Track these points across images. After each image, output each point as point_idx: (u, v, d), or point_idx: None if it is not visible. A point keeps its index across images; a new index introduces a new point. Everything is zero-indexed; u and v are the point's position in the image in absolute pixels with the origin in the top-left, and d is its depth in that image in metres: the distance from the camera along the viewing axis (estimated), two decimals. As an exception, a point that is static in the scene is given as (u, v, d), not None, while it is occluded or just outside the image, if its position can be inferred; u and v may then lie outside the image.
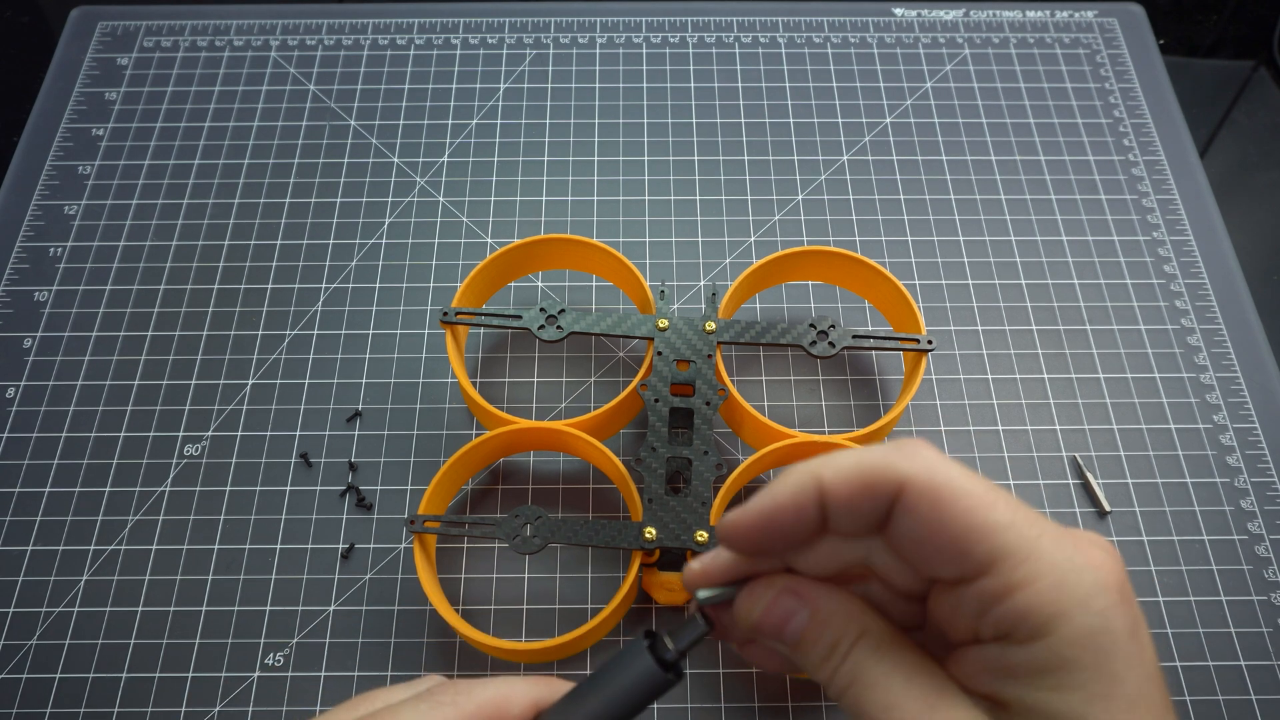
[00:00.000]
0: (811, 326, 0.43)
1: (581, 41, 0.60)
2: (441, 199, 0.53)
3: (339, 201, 0.53)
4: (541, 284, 0.50)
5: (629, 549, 0.38)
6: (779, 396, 0.47)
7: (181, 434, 0.46)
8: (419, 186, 0.54)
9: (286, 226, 0.52)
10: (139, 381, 0.47)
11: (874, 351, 0.48)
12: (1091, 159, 0.55)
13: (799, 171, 0.54)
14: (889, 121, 0.56)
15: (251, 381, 0.47)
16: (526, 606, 0.42)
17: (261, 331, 0.49)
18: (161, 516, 0.44)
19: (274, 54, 0.59)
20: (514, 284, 0.50)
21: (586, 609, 0.42)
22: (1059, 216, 0.53)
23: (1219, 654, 0.41)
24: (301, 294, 0.50)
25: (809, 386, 0.47)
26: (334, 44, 0.59)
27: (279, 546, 0.43)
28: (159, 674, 0.40)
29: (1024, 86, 0.58)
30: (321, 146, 0.55)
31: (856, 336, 0.43)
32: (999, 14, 0.61)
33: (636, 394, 0.42)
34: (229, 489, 0.44)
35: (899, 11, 0.61)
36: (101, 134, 0.56)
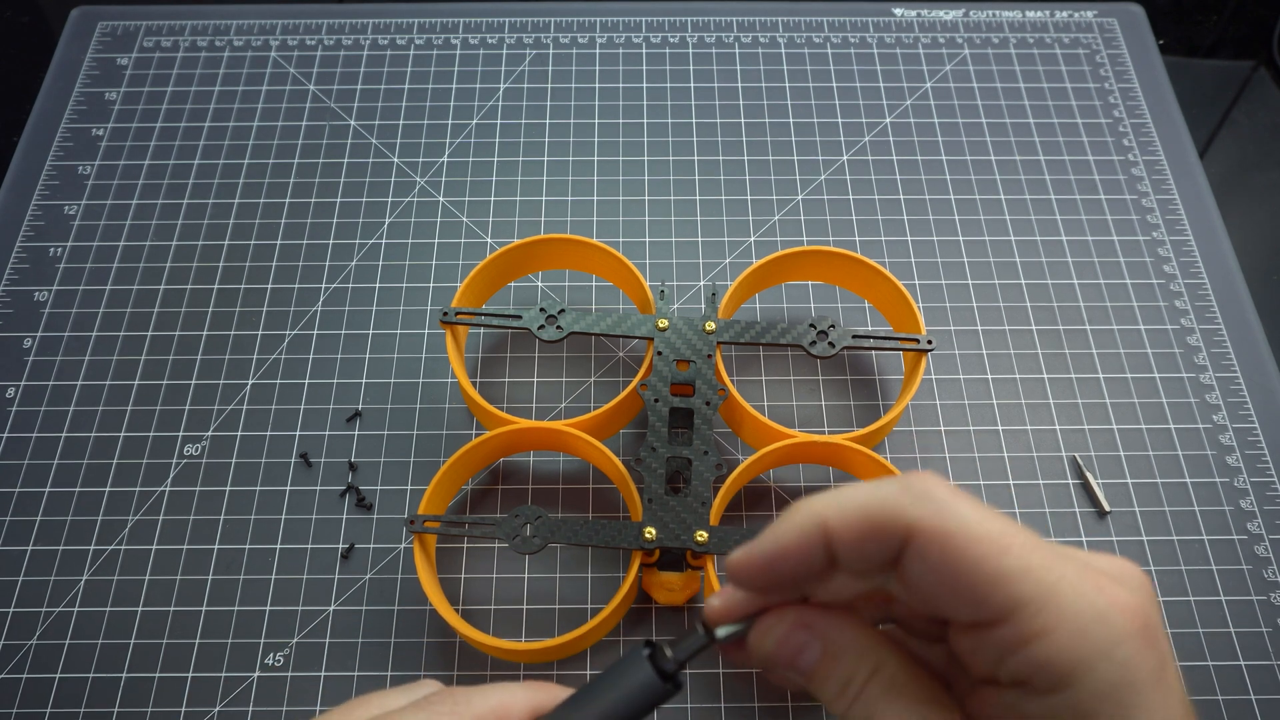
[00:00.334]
0: (811, 326, 0.43)
1: (581, 41, 0.60)
2: (441, 199, 0.53)
3: (339, 201, 0.53)
4: (541, 284, 0.50)
5: (629, 549, 0.38)
6: (779, 396, 0.47)
7: (181, 434, 0.46)
8: (419, 186, 0.54)
9: (286, 226, 0.52)
10: (139, 381, 0.47)
11: (874, 351, 0.48)
12: (1091, 159, 0.55)
13: (799, 171, 0.54)
14: (889, 121, 0.56)
15: (251, 381, 0.47)
16: (526, 606, 0.42)
17: (261, 331, 0.49)
18: (161, 516, 0.44)
19: (274, 54, 0.59)
20: (514, 284, 0.50)
21: (586, 609, 0.42)
22: (1059, 216, 0.53)
23: (1219, 654, 0.41)
24: (301, 294, 0.50)
25: (809, 386, 0.47)
26: (334, 44, 0.59)
27: (279, 546, 0.43)
28: (159, 674, 0.40)
29: (1024, 86, 0.58)
30: (321, 146, 0.55)
31: (856, 336, 0.43)
32: (999, 14, 0.61)
33: (636, 394, 0.42)
34: (229, 489, 0.44)
35: (899, 11, 0.61)
36: (101, 134, 0.56)
